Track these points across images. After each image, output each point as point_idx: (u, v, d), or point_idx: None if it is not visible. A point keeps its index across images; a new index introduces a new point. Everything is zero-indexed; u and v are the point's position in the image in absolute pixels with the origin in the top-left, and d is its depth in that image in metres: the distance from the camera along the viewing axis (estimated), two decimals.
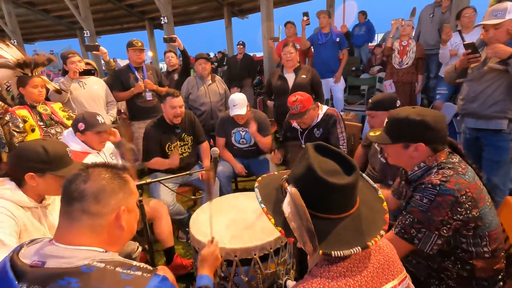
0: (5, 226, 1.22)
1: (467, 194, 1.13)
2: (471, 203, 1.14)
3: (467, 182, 1.15)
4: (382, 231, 0.80)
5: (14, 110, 2.33)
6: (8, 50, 2.41)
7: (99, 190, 0.79)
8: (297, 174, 0.81)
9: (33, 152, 1.29)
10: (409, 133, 1.23)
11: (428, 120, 1.19)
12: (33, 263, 0.72)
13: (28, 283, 0.68)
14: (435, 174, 1.19)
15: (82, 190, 0.78)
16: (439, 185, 1.14)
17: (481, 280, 1.22)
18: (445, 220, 1.13)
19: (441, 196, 1.12)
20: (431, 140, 1.21)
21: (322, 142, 0.86)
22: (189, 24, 10.81)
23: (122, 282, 0.70)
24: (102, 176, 0.82)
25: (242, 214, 1.88)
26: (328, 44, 4.46)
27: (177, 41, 3.62)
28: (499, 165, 2.21)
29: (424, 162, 1.25)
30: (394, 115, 1.28)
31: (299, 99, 2.40)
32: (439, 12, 4.44)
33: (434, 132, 1.20)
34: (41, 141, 1.37)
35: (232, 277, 1.62)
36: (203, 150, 2.88)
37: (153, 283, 0.72)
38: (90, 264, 0.71)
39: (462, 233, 1.18)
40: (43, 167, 1.29)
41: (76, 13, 7.57)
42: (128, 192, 0.85)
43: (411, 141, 1.23)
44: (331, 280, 0.74)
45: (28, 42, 12.79)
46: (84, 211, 0.78)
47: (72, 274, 0.69)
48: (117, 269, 0.72)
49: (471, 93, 2.24)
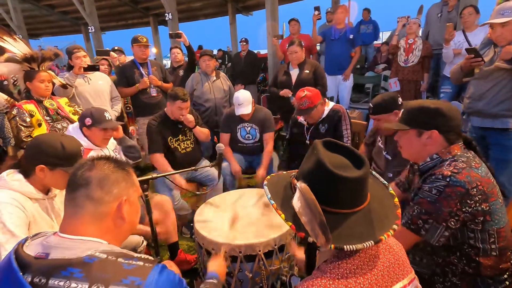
0: (15, 217, 1.24)
1: (478, 187, 1.12)
2: (481, 197, 1.13)
3: (479, 176, 1.14)
4: (395, 225, 0.79)
5: (21, 105, 2.34)
6: (16, 45, 2.42)
7: (103, 178, 0.82)
8: (307, 169, 0.80)
9: (51, 146, 1.32)
10: (423, 119, 1.24)
11: (442, 107, 1.22)
12: (38, 255, 0.73)
13: (33, 274, 0.70)
14: (447, 166, 1.19)
15: (88, 177, 0.81)
16: (449, 176, 1.13)
17: (486, 278, 1.21)
18: (453, 211, 1.13)
19: (451, 188, 1.12)
20: (445, 127, 1.22)
21: (330, 139, 0.86)
22: (193, 20, 10.79)
23: (124, 271, 0.71)
24: (106, 165, 0.85)
25: (246, 210, 1.89)
26: (341, 40, 4.34)
27: (183, 37, 3.63)
28: (506, 164, 2.20)
29: (437, 154, 1.25)
30: (410, 105, 1.30)
31: (308, 95, 2.40)
32: (447, 11, 4.41)
33: (447, 119, 1.21)
34: (60, 136, 1.40)
35: (236, 272, 1.63)
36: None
37: (154, 272, 0.73)
38: (93, 254, 0.72)
39: (470, 227, 1.17)
40: (57, 162, 1.32)
41: (81, 9, 7.58)
42: (130, 184, 0.88)
43: (425, 127, 1.24)
44: (341, 277, 0.74)
45: (33, 38, 12.83)
46: (88, 196, 0.80)
47: (75, 265, 0.70)
48: (119, 259, 0.73)
49: (478, 92, 2.23)
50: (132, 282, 0.70)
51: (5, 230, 1.21)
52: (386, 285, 0.77)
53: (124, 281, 0.69)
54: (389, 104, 2.00)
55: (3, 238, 1.20)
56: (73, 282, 0.68)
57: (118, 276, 0.70)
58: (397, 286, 0.79)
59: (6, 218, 1.22)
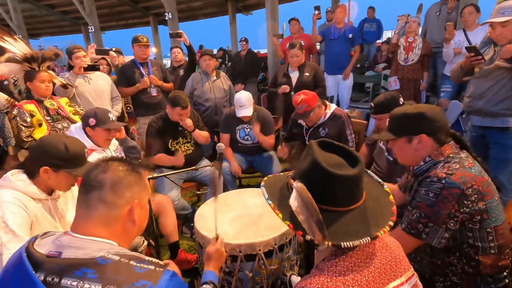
0: (17, 217, 1.25)
1: (473, 187, 1.13)
2: (477, 196, 1.14)
3: (473, 175, 1.15)
4: (391, 221, 0.81)
5: (22, 105, 2.34)
6: (16, 45, 2.42)
7: (116, 181, 0.82)
8: (303, 169, 0.82)
9: (55, 148, 1.32)
10: (409, 126, 1.28)
11: (425, 111, 1.25)
12: (50, 253, 0.73)
13: (46, 272, 0.70)
14: (440, 168, 1.20)
15: (101, 180, 0.81)
16: (444, 178, 1.15)
17: (486, 277, 1.22)
18: (452, 213, 1.14)
19: (447, 190, 1.13)
20: (432, 130, 1.25)
21: (326, 139, 0.87)
22: (193, 20, 10.79)
23: (136, 275, 0.72)
24: (120, 168, 0.85)
25: (247, 210, 1.89)
26: (340, 39, 4.35)
27: (183, 37, 3.63)
28: (506, 163, 2.20)
29: (429, 157, 1.27)
30: (394, 113, 1.35)
31: (304, 99, 2.39)
32: (446, 10, 4.40)
33: (432, 122, 1.25)
34: (64, 138, 1.40)
35: (236, 272, 1.64)
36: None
37: (165, 278, 0.74)
38: (106, 256, 0.73)
39: (468, 227, 1.18)
40: (60, 163, 1.32)
41: (80, 9, 7.58)
42: (142, 187, 0.88)
43: (413, 133, 1.27)
44: (338, 275, 0.75)
45: (33, 38, 12.83)
46: (101, 199, 0.80)
47: (88, 265, 0.71)
48: (131, 262, 0.74)
49: (478, 91, 2.23)
50: (143, 285, 0.70)
51: (7, 230, 1.21)
52: (382, 282, 0.78)
53: (136, 284, 0.70)
54: (391, 103, 2.00)
55: (5, 238, 1.21)
56: (86, 283, 0.68)
57: (130, 279, 0.70)
58: (394, 283, 0.80)
59: (9, 218, 1.23)
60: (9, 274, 0.75)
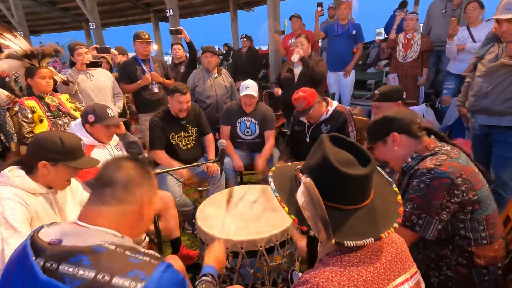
0: (17, 212, 1.26)
1: (462, 176, 1.16)
2: (467, 186, 1.17)
3: (461, 165, 1.18)
4: (396, 223, 0.79)
5: (23, 101, 2.34)
6: (16, 41, 2.42)
7: (128, 180, 0.87)
8: (312, 164, 0.80)
9: (51, 142, 1.35)
10: (379, 130, 1.38)
11: (388, 114, 1.37)
12: (51, 241, 0.77)
13: (45, 259, 0.73)
14: (429, 160, 1.24)
15: (114, 178, 0.86)
16: (433, 169, 1.18)
17: (480, 269, 1.23)
18: (444, 203, 1.16)
19: (437, 180, 1.16)
20: (400, 127, 1.32)
21: (337, 134, 0.85)
22: (194, 16, 10.75)
23: (131, 264, 0.73)
24: (132, 167, 0.90)
25: (248, 206, 1.89)
26: (343, 36, 4.30)
27: (183, 33, 3.61)
28: (509, 162, 2.17)
29: (416, 152, 1.32)
30: (367, 126, 1.47)
31: (302, 96, 2.38)
32: (451, 7, 4.36)
33: (397, 120, 1.33)
34: (59, 132, 1.45)
35: (238, 268, 1.64)
36: (208, 142, 2.88)
37: (159, 269, 0.75)
38: (102, 244, 0.75)
39: (459, 218, 1.21)
40: (57, 157, 1.35)
41: (81, 5, 7.57)
42: (151, 185, 0.93)
43: (385, 134, 1.35)
44: (343, 269, 0.74)
45: (34, 34, 12.83)
46: (114, 196, 0.85)
47: (84, 252, 0.73)
48: (127, 252, 0.76)
49: (483, 89, 2.18)
50: (137, 276, 0.71)
51: (7, 226, 1.23)
52: (388, 279, 0.78)
53: (129, 273, 0.71)
54: (396, 93, 2.02)
55: (6, 233, 1.22)
56: (81, 269, 0.70)
57: (124, 269, 0.72)
58: (399, 280, 0.80)
59: (9, 214, 1.24)
60: (14, 260, 0.80)
